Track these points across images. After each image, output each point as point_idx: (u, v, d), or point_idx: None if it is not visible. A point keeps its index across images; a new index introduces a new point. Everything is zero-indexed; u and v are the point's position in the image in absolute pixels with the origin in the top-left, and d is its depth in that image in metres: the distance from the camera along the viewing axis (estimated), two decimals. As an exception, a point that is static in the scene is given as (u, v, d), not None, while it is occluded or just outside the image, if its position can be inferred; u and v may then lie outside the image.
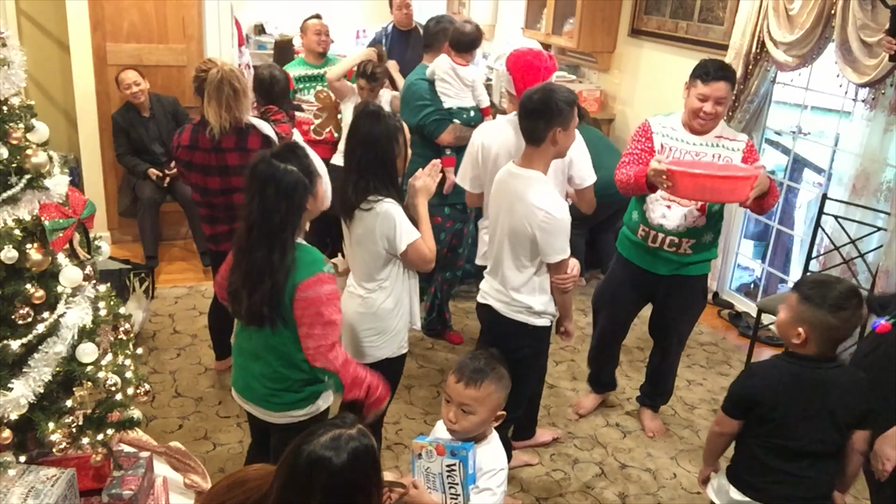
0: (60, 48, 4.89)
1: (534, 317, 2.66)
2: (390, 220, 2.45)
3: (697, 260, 3.15)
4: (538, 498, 3.03)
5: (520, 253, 2.59)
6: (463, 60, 3.78)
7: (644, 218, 3.14)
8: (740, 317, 4.70)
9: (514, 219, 2.56)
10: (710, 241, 3.15)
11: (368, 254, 2.54)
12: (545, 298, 2.66)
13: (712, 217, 3.08)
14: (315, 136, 4.62)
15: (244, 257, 2.16)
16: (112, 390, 2.29)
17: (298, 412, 2.29)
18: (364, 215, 2.48)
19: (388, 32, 5.32)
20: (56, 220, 2.18)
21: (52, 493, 2.12)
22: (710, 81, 2.91)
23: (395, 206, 2.47)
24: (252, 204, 2.11)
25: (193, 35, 4.97)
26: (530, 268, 2.61)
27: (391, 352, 2.64)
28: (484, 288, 2.80)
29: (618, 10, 5.56)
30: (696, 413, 3.68)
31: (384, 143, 2.47)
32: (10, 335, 2.09)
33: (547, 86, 2.57)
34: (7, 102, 2.11)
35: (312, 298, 2.11)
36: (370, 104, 2.56)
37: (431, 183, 2.60)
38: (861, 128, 3.87)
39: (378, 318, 2.58)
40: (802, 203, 5.16)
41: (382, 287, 2.58)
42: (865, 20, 3.57)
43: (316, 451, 1.42)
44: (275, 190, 2.08)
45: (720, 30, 4.65)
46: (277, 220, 2.08)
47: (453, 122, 3.78)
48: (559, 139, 2.51)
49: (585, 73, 6.13)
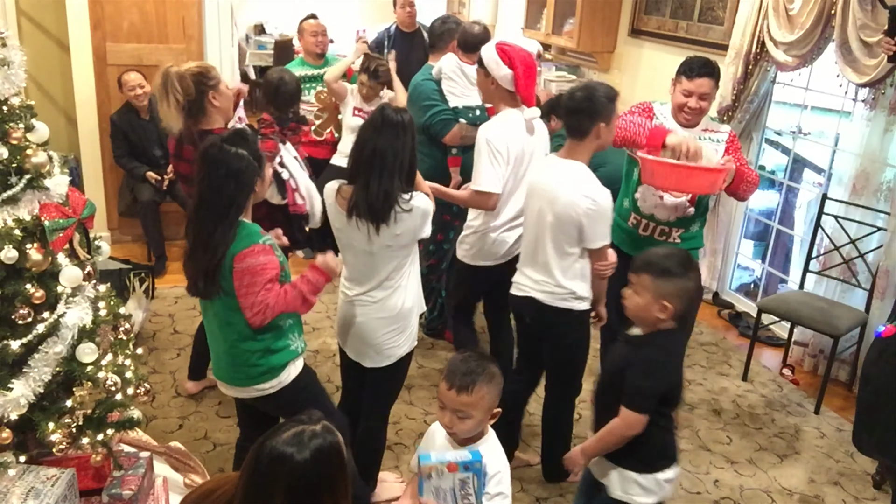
0: (60, 48, 4.89)
1: (577, 301, 2.76)
2: (426, 213, 2.49)
3: (686, 248, 3.14)
4: (538, 498, 3.03)
5: (563, 241, 2.67)
6: (470, 60, 3.78)
7: (636, 206, 3.22)
8: (740, 317, 4.70)
9: (557, 208, 2.64)
10: (698, 230, 3.26)
11: (396, 255, 2.49)
12: (586, 284, 2.76)
13: (700, 207, 3.18)
14: (316, 136, 4.62)
15: (191, 234, 2.28)
16: (112, 390, 2.29)
17: (266, 385, 2.35)
18: (404, 217, 2.41)
19: (390, 33, 5.31)
20: (56, 220, 2.18)
21: (52, 493, 2.12)
22: (695, 77, 3.02)
23: (423, 197, 2.48)
24: (202, 184, 2.23)
25: (193, 35, 4.97)
26: (573, 255, 2.70)
27: (409, 346, 2.66)
28: (521, 280, 2.84)
29: (618, 10, 5.56)
30: (695, 413, 3.68)
31: (409, 150, 2.45)
32: (10, 335, 2.09)
33: (589, 84, 2.73)
34: (7, 102, 2.11)
35: (248, 268, 2.20)
36: (387, 108, 2.48)
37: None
38: (861, 128, 3.87)
39: (401, 317, 2.58)
40: (802, 203, 5.16)
41: (400, 286, 2.56)
42: (865, 20, 3.57)
43: (277, 447, 1.40)
44: (225, 171, 2.20)
45: (720, 30, 4.65)
46: (226, 200, 2.21)
47: (459, 122, 3.78)
48: (602, 133, 2.65)
49: (585, 73, 6.12)
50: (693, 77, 3.02)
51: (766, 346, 4.41)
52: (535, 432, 3.40)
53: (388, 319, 2.55)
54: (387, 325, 2.56)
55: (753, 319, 4.11)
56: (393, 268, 2.52)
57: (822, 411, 3.75)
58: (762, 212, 5.09)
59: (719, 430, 3.57)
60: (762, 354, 4.31)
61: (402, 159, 2.41)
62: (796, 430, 3.60)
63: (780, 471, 3.30)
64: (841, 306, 3.84)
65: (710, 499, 3.09)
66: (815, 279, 4.14)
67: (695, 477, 3.21)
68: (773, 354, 4.35)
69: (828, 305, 3.83)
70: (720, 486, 3.17)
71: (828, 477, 3.28)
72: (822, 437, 3.55)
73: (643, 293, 2.16)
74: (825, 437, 3.55)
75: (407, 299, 2.57)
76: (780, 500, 3.12)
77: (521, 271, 2.86)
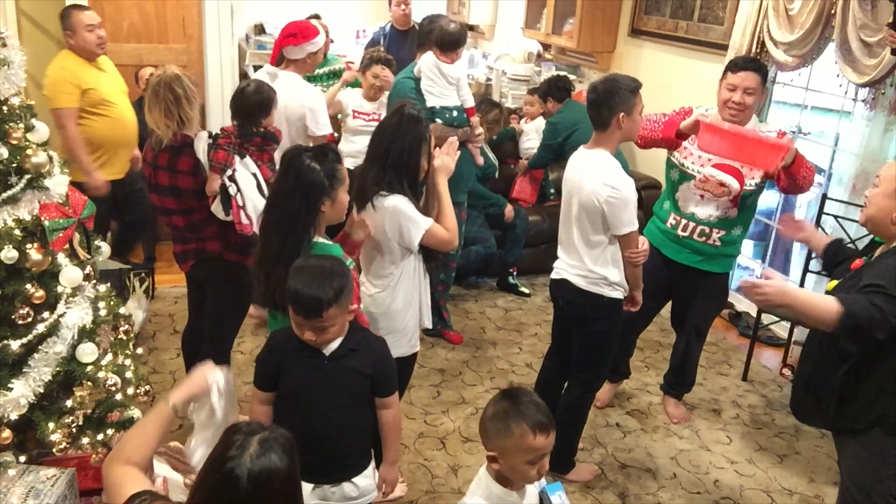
0: (60, 48, 4.88)
1: (609, 288, 2.80)
2: (397, 215, 2.49)
3: (724, 253, 3.23)
4: (538, 498, 3.03)
5: (588, 229, 2.74)
6: (447, 59, 3.76)
7: (676, 207, 3.23)
8: (740, 317, 4.70)
9: (583, 195, 2.71)
10: (739, 235, 3.24)
11: (377, 249, 2.58)
12: (618, 270, 2.79)
13: (743, 209, 3.15)
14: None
15: (263, 237, 2.28)
16: (112, 390, 2.29)
17: None
18: (375, 208, 2.51)
19: (385, 32, 5.31)
20: (56, 220, 2.18)
21: (52, 493, 2.12)
22: (739, 71, 3.02)
23: (402, 199, 2.50)
24: (276, 186, 2.28)
25: (193, 35, 4.98)
26: (601, 243, 2.75)
27: (403, 351, 2.66)
28: (558, 265, 2.92)
29: (618, 10, 5.56)
30: (695, 413, 3.68)
31: (414, 145, 2.52)
32: (10, 335, 2.09)
33: (611, 76, 2.77)
34: (7, 102, 2.12)
35: None
36: (408, 105, 2.61)
37: (450, 161, 2.65)
38: (861, 128, 3.87)
39: (389, 317, 2.61)
40: (802, 203, 5.16)
41: (390, 286, 2.60)
42: (865, 20, 3.57)
43: (251, 468, 1.31)
44: (294, 181, 2.19)
45: (720, 30, 4.65)
46: (291, 210, 2.19)
47: (434, 122, 3.74)
48: (624, 123, 2.69)
49: (585, 73, 6.13)
50: (738, 70, 3.01)
51: (766, 346, 4.41)
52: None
53: (377, 315, 2.61)
54: (376, 322, 2.60)
55: (753, 319, 4.11)
56: (384, 262, 2.58)
57: (822, 411, 3.75)
58: (762, 212, 5.07)
59: (719, 430, 3.57)
60: (762, 354, 4.31)
61: (394, 153, 2.49)
62: (796, 430, 3.60)
63: (780, 471, 3.30)
64: (841, 306, 3.83)
65: (710, 499, 3.09)
66: (815, 279, 4.13)
67: (695, 477, 3.21)
68: (773, 354, 4.35)
69: (828, 305, 3.82)
70: (720, 486, 3.17)
71: (828, 477, 3.27)
72: (822, 437, 3.55)
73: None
74: (825, 437, 3.55)
75: (398, 301, 2.60)
76: (780, 500, 3.12)
77: (559, 256, 2.93)
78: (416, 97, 3.77)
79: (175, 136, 2.80)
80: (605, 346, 2.95)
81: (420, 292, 2.69)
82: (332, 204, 2.25)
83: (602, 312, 2.84)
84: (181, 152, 2.81)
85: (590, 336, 2.92)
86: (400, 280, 2.60)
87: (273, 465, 1.32)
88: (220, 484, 1.32)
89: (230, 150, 2.79)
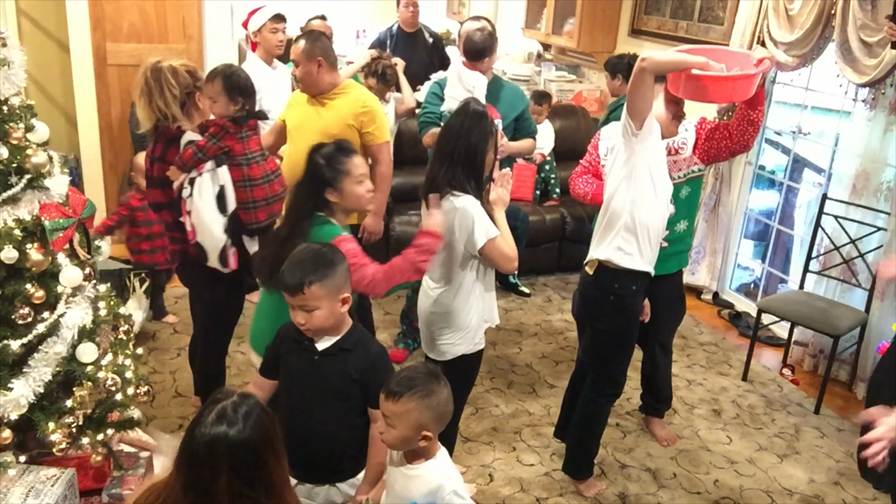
0: (60, 48, 4.89)
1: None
2: (468, 216, 2.50)
3: (674, 251, 3.11)
4: (538, 498, 3.03)
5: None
6: (473, 67, 3.69)
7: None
8: (740, 317, 4.70)
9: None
10: (686, 230, 3.15)
11: (445, 250, 2.55)
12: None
13: (681, 204, 3.05)
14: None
15: (286, 214, 2.47)
16: (112, 390, 2.29)
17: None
18: (445, 207, 2.52)
19: (392, 33, 5.30)
20: (56, 220, 2.19)
21: (52, 493, 2.12)
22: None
23: (473, 202, 2.52)
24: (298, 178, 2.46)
25: (193, 35, 4.97)
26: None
27: (467, 348, 2.66)
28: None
29: (618, 10, 5.56)
30: (695, 413, 3.68)
31: (480, 141, 2.56)
32: (10, 335, 2.09)
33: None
34: (7, 102, 2.12)
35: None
36: (472, 102, 2.64)
37: (505, 193, 2.63)
38: (861, 128, 3.87)
39: (451, 316, 2.62)
40: (802, 203, 5.16)
41: (452, 287, 2.60)
42: (865, 20, 3.57)
43: (208, 432, 1.39)
44: (305, 173, 2.41)
45: (720, 30, 4.65)
46: (298, 199, 2.39)
47: (439, 125, 3.72)
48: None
49: (585, 73, 6.13)
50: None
51: (766, 346, 4.41)
52: (538, 432, 3.41)
53: (438, 315, 2.64)
54: (439, 321, 2.64)
55: (753, 319, 4.10)
56: (452, 264, 2.58)
57: (822, 411, 3.75)
58: (762, 212, 5.09)
59: (719, 430, 3.57)
60: (762, 354, 4.31)
61: (460, 150, 2.54)
62: (796, 430, 3.60)
63: (780, 471, 3.30)
64: (841, 306, 3.84)
65: (710, 499, 3.09)
66: (815, 279, 4.14)
67: (695, 477, 3.21)
68: (773, 354, 4.35)
69: (828, 305, 3.83)
70: (720, 486, 3.17)
71: (828, 477, 3.28)
72: (822, 437, 3.55)
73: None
74: (825, 437, 3.55)
75: (458, 299, 2.61)
76: (780, 500, 3.12)
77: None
78: (433, 99, 3.80)
79: (168, 128, 2.78)
80: (612, 349, 2.88)
81: (483, 289, 2.66)
82: (341, 195, 2.37)
83: (607, 309, 2.80)
84: (172, 144, 2.80)
85: (595, 334, 2.91)
86: (462, 280, 2.60)
87: (222, 433, 1.38)
88: (185, 444, 1.42)
89: (204, 154, 2.76)
